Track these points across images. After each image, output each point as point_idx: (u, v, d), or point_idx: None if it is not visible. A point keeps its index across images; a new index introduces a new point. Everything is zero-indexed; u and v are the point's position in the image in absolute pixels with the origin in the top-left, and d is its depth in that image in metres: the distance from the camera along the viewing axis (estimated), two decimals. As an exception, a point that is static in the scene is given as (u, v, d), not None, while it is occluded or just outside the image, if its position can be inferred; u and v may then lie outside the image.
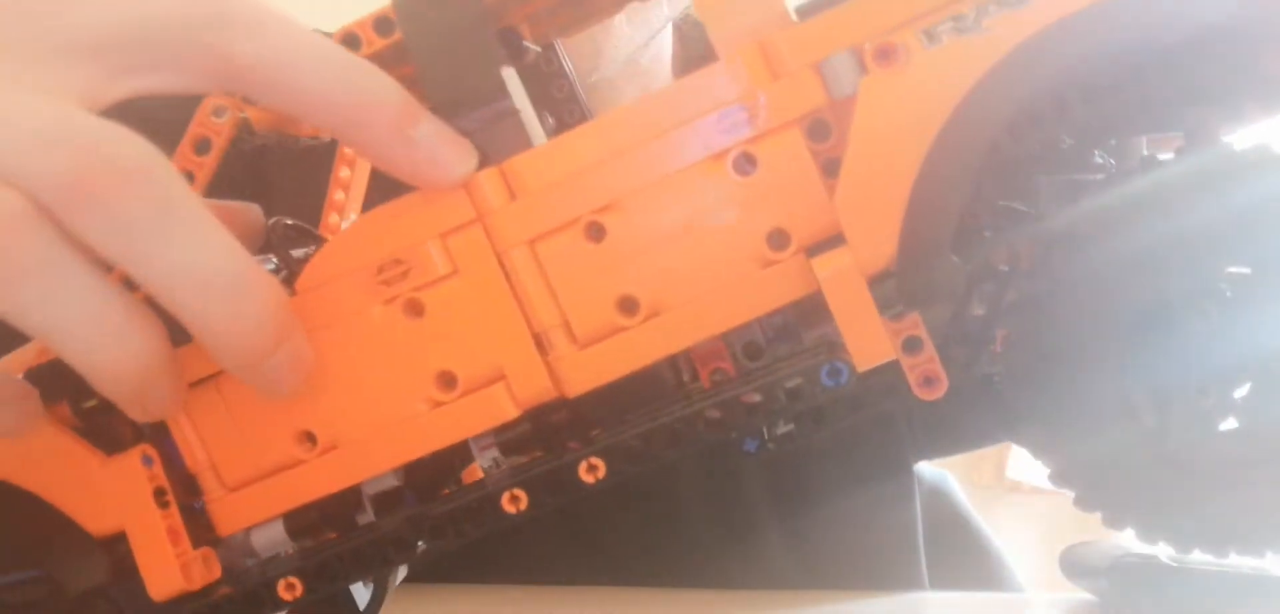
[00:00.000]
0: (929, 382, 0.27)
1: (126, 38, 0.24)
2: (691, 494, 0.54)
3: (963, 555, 0.65)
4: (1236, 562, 0.32)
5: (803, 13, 0.27)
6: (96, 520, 0.28)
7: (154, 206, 0.23)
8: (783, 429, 0.30)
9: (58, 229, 0.23)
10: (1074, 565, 0.41)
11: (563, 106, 0.34)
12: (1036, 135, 0.26)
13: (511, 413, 0.27)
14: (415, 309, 0.27)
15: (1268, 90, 0.26)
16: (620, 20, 0.50)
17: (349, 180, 0.37)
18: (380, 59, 0.27)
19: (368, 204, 0.39)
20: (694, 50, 0.60)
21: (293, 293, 0.28)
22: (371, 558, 0.28)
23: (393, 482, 0.29)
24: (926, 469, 0.66)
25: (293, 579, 0.28)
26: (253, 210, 0.31)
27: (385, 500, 0.29)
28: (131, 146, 0.23)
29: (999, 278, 0.28)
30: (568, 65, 0.34)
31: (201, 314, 0.24)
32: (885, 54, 0.26)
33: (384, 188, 0.31)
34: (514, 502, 0.27)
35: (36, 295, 0.23)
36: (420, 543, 0.28)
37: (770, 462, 0.54)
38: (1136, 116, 0.27)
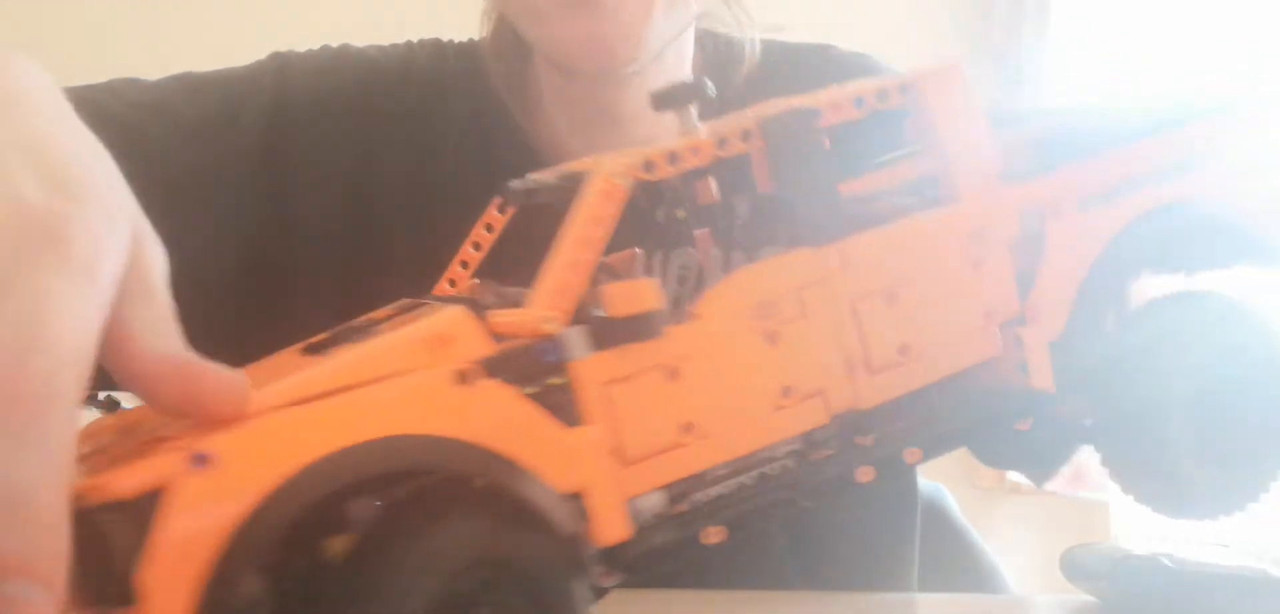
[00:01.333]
0: None
1: None
2: None
3: (959, 567, 0.75)
4: (1237, 562, 0.45)
5: (1006, 177, 0.44)
6: (561, 478, 0.36)
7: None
8: None
9: None
10: (1075, 567, 0.51)
11: None
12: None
13: (825, 418, 0.41)
14: (774, 338, 0.40)
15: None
16: (659, 15, 0.61)
17: (486, 238, 0.48)
18: (734, 162, 0.41)
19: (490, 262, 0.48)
20: (711, 58, 0.72)
21: (690, 317, 0.39)
22: (765, 510, 0.39)
23: None
24: (921, 482, 0.74)
25: (717, 528, 0.39)
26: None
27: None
28: None
29: None
30: None
31: None
32: (1058, 213, 0.44)
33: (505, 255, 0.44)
34: (865, 473, 0.41)
35: None
36: (799, 500, 0.40)
37: None
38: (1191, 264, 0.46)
